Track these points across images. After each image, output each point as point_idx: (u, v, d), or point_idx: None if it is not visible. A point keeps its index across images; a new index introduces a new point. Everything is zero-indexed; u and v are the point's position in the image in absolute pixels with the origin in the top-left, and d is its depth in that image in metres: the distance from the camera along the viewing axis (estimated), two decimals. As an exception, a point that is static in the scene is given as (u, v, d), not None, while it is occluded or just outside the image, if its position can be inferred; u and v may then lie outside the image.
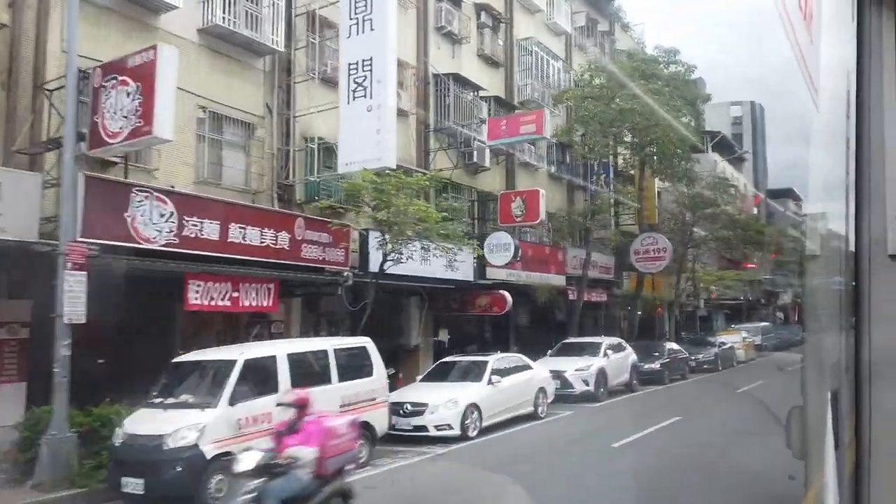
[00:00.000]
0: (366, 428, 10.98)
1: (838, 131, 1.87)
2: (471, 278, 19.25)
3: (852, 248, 1.63)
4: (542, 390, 15.89)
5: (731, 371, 28.58)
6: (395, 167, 14.35)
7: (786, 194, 69.99)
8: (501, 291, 19.45)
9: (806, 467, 3.62)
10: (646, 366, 22.78)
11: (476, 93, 22.39)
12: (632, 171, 30.85)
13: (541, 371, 16.42)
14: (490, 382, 14.24)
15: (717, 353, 29.18)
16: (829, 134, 2.29)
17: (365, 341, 11.60)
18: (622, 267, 30.62)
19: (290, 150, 15.91)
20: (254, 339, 11.00)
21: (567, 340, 21.04)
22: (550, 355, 20.14)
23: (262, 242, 12.71)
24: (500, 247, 18.89)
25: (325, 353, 10.53)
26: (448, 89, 21.42)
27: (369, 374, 11.33)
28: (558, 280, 23.59)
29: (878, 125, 1.53)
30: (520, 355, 16.32)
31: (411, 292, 19.51)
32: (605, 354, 19.67)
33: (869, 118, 1.54)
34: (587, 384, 18.40)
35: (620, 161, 31.25)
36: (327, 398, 10.34)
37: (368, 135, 14.32)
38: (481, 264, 19.54)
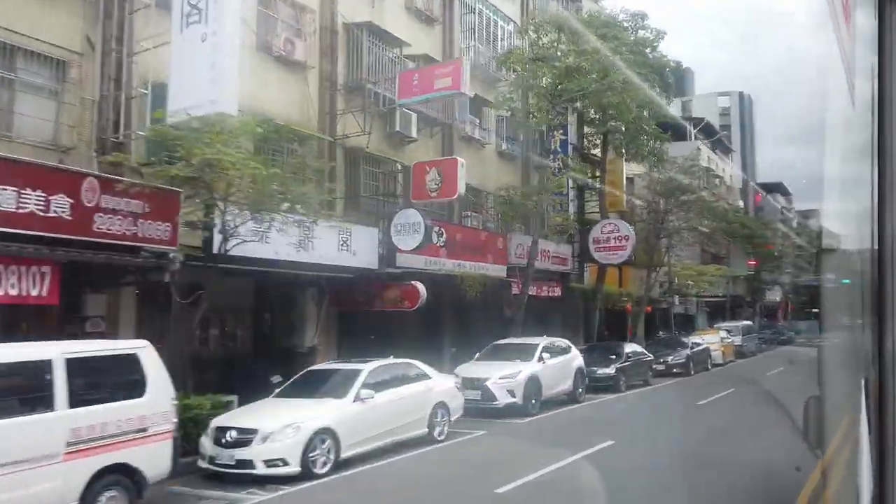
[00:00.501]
0: (124, 473, 7.57)
1: (858, 128, 1.89)
2: (374, 266, 15.84)
3: (876, 245, 1.64)
4: (441, 406, 12.48)
5: (704, 376, 25.38)
6: (235, 113, 10.92)
7: (776, 189, 66.80)
8: (413, 282, 15.96)
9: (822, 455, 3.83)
10: (598, 371, 19.54)
11: (399, 49, 18.96)
12: (595, 152, 27.49)
13: (442, 382, 12.97)
14: (358, 398, 10.81)
15: (688, 356, 25.91)
16: (848, 131, 2.34)
17: (137, 346, 8.10)
18: (584, 258, 27.30)
19: (121, 97, 12.42)
20: None
21: (498, 342, 17.57)
22: (477, 359, 16.74)
23: (20, 208, 9.21)
24: (408, 227, 15.37)
25: (46, 364, 7.05)
26: (361, 43, 17.99)
27: (137, 394, 7.83)
28: (497, 270, 20.17)
29: None
30: (415, 361, 12.82)
31: (311, 283, 16.10)
32: (541, 359, 16.23)
33: (891, 116, 1.55)
34: (513, 395, 15.01)
35: (585, 143, 27.94)
36: (41, 432, 6.91)
37: (202, 72, 10.91)
38: (390, 250, 16.11)
